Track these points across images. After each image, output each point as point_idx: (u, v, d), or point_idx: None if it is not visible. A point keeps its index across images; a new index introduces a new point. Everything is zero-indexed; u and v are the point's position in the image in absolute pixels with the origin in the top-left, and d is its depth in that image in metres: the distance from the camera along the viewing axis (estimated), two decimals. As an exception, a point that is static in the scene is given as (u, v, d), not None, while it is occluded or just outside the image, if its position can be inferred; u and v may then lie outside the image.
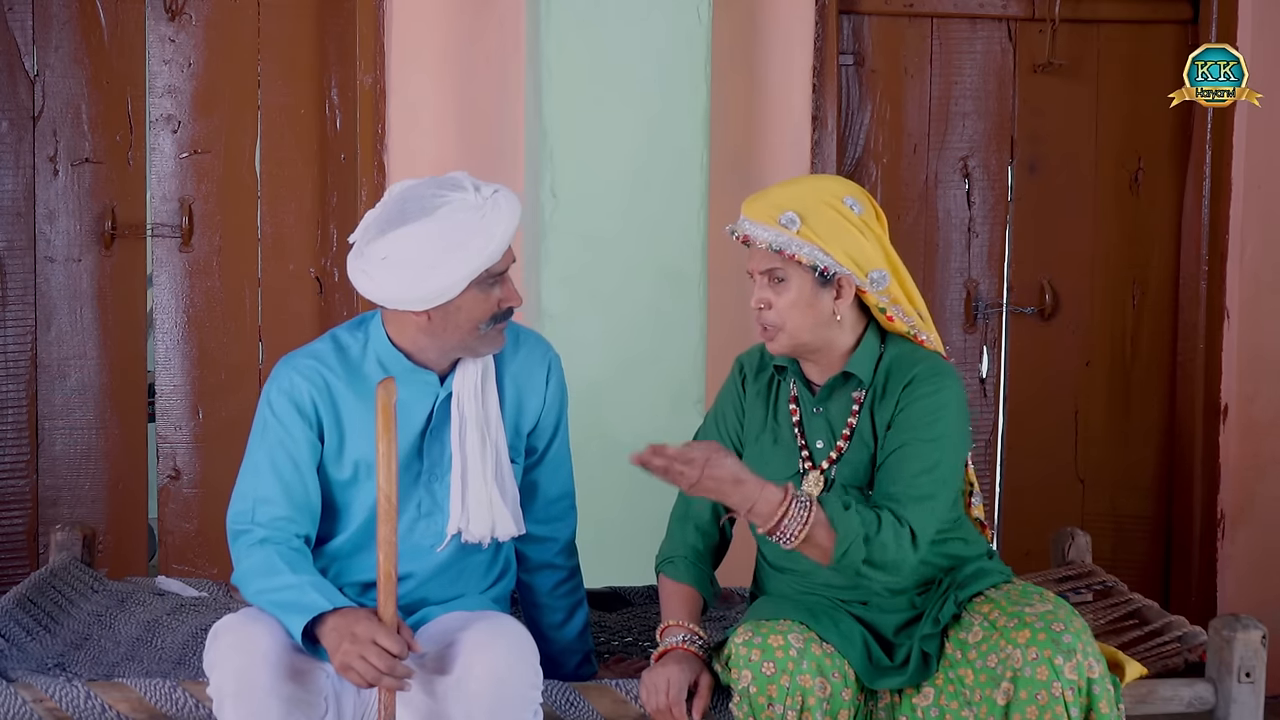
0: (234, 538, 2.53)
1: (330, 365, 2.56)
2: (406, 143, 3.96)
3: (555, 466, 2.76)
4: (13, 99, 3.97)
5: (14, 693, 2.50)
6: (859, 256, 2.51)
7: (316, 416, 2.54)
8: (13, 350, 4.02)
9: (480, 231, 2.45)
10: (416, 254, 2.43)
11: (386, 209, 2.50)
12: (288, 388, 2.54)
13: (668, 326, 3.69)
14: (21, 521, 4.04)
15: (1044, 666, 2.33)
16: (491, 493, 2.57)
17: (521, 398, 2.67)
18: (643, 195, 3.67)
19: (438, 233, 2.43)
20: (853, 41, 4.25)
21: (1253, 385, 4.32)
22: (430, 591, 2.61)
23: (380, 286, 2.47)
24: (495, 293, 2.51)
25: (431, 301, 2.46)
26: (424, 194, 2.48)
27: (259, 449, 2.55)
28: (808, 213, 2.50)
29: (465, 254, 2.44)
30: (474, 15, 3.96)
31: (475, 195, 2.48)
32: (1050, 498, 4.39)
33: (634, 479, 3.62)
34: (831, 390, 2.58)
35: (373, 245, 2.46)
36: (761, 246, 2.52)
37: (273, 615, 2.43)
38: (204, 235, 4.07)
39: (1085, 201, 4.37)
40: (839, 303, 2.52)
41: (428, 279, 2.43)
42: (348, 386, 2.55)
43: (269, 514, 2.50)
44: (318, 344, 2.61)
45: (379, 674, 2.31)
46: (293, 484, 2.52)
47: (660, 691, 2.47)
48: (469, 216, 2.45)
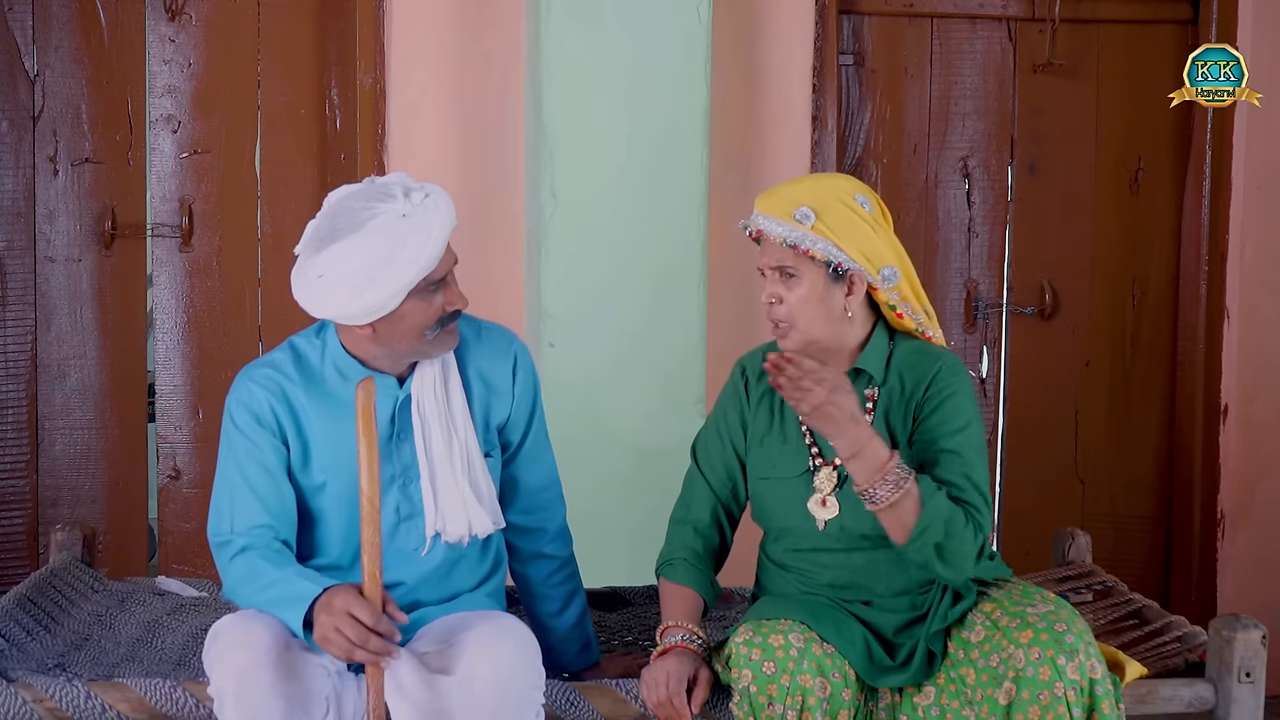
0: (217, 552, 2.54)
1: (288, 373, 2.56)
2: (406, 143, 3.96)
3: (534, 458, 2.75)
4: (13, 99, 3.97)
5: (14, 693, 2.50)
6: (871, 253, 2.52)
7: (278, 424, 2.54)
8: (13, 350, 4.02)
9: (411, 242, 2.42)
10: (350, 271, 2.41)
11: (319, 224, 2.48)
12: (246, 399, 2.55)
13: (668, 326, 3.69)
14: (21, 521, 4.04)
15: (1046, 666, 2.33)
16: (464, 491, 2.56)
17: (489, 393, 2.66)
18: (643, 195, 3.67)
19: (368, 248, 2.40)
20: (853, 41, 4.25)
21: (1253, 385, 4.32)
22: (423, 594, 2.61)
23: (320, 304, 2.46)
24: (437, 299, 2.49)
25: (371, 315, 2.45)
26: (354, 206, 2.45)
27: (228, 462, 2.55)
28: (822, 209, 2.50)
29: (398, 266, 2.41)
30: (474, 15, 3.96)
31: (405, 203, 2.45)
32: (1050, 498, 4.39)
33: (634, 478, 3.65)
34: (842, 387, 2.58)
35: (309, 262, 2.45)
36: (776, 241, 2.52)
37: (271, 615, 2.42)
38: (204, 235, 4.07)
39: (1085, 201, 4.37)
40: (850, 299, 2.53)
41: (364, 294, 2.42)
42: (306, 394, 2.55)
43: (246, 523, 2.50)
44: (275, 353, 2.61)
45: (351, 646, 2.30)
46: (266, 491, 2.52)
47: (660, 685, 2.47)
48: (399, 227, 2.42)
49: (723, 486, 2.71)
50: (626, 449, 3.68)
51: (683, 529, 2.72)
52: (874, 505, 2.40)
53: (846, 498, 2.54)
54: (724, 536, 2.74)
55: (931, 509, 2.39)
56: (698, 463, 2.75)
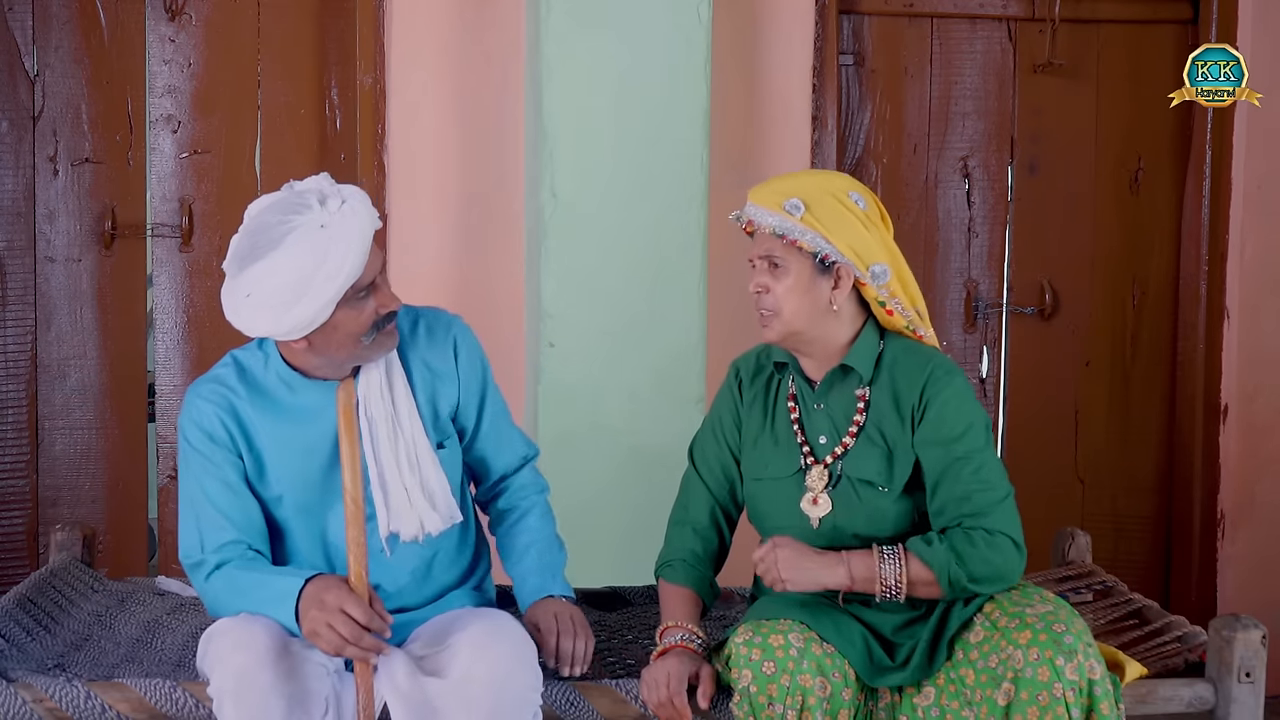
0: (191, 574, 2.53)
1: (232, 387, 2.55)
2: (406, 143, 3.96)
3: (496, 435, 2.73)
4: (13, 99, 3.97)
5: (14, 693, 2.50)
6: (860, 248, 2.52)
7: (230, 439, 2.53)
8: (13, 350, 4.02)
9: (332, 253, 2.38)
10: (276, 289, 2.38)
11: (241, 241, 2.44)
12: (197, 417, 2.54)
13: (667, 326, 3.69)
14: (21, 521, 4.04)
15: (1045, 667, 2.33)
16: (413, 491, 2.55)
17: (434, 379, 2.64)
18: (643, 195, 3.67)
19: (290, 264, 2.37)
20: (853, 41, 4.25)
21: (1253, 385, 4.32)
22: (409, 596, 2.61)
23: (251, 323, 2.43)
24: (368, 304, 2.46)
25: (303, 330, 2.43)
26: (271, 222, 2.41)
27: (188, 482, 2.54)
28: (812, 201, 2.51)
29: (322, 280, 2.38)
30: (474, 15, 3.96)
31: (321, 212, 2.41)
32: (1050, 498, 4.39)
33: (634, 477, 3.65)
34: (831, 385, 2.58)
35: (235, 282, 2.42)
36: (765, 231, 2.53)
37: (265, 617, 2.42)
38: (204, 235, 4.07)
39: (1085, 201, 4.37)
40: (836, 292, 2.53)
41: (291, 311, 2.39)
42: (254, 407, 2.54)
43: (216, 540, 2.49)
44: (219, 368, 2.60)
45: (344, 642, 2.31)
46: (230, 507, 2.51)
47: (660, 685, 2.47)
48: (318, 239, 2.38)
49: (720, 488, 2.71)
50: (626, 448, 3.68)
51: (681, 530, 2.72)
52: (899, 594, 2.47)
53: (838, 495, 2.54)
54: (723, 538, 2.74)
55: (935, 560, 2.44)
56: (695, 464, 2.75)
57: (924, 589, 2.47)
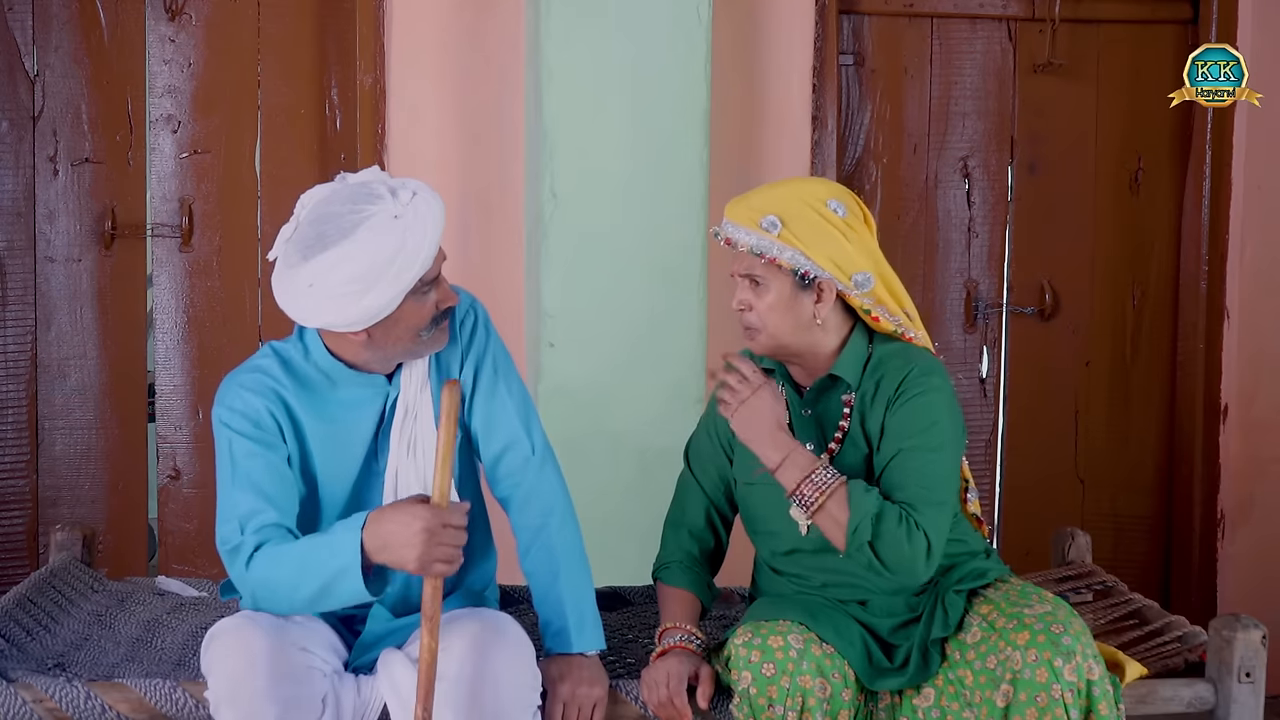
0: (230, 559, 2.45)
1: (276, 377, 2.51)
2: (406, 143, 3.96)
3: (487, 413, 2.60)
4: (13, 99, 3.97)
5: (14, 693, 2.50)
6: (841, 260, 2.50)
7: (276, 425, 2.49)
8: (13, 350, 4.02)
9: (406, 244, 2.34)
10: (344, 280, 2.33)
11: (303, 230, 2.38)
12: (240, 405, 2.49)
13: (667, 326, 3.69)
14: (21, 521, 4.04)
15: (1043, 669, 2.33)
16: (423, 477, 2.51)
17: (449, 367, 2.60)
18: (643, 195, 3.67)
19: (362, 255, 2.32)
20: (853, 41, 4.25)
21: (1253, 385, 4.32)
22: (414, 592, 2.57)
23: (312, 313, 2.38)
24: (431, 297, 2.44)
25: (369, 320, 2.39)
26: (340, 211, 2.36)
27: (226, 467, 2.49)
28: (789, 217, 2.49)
29: (394, 271, 2.34)
30: (474, 15, 3.96)
31: (394, 203, 2.37)
32: (1050, 498, 4.39)
33: (634, 478, 3.65)
34: (819, 392, 2.58)
35: (296, 271, 2.36)
36: (743, 249, 2.51)
37: (325, 588, 2.34)
38: (204, 235, 4.07)
39: (1085, 201, 4.37)
40: (819, 306, 2.51)
41: (362, 301, 2.35)
42: (298, 399, 2.51)
43: (256, 524, 2.43)
44: (259, 358, 2.56)
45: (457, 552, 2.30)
46: (275, 492, 2.46)
47: (660, 685, 2.47)
48: (392, 230, 2.34)
49: (715, 489, 2.71)
50: (627, 448, 3.68)
51: (677, 532, 2.72)
52: (804, 508, 2.43)
53: None
54: (719, 539, 2.74)
55: (857, 506, 2.40)
56: (690, 466, 2.75)
57: (830, 526, 2.43)
